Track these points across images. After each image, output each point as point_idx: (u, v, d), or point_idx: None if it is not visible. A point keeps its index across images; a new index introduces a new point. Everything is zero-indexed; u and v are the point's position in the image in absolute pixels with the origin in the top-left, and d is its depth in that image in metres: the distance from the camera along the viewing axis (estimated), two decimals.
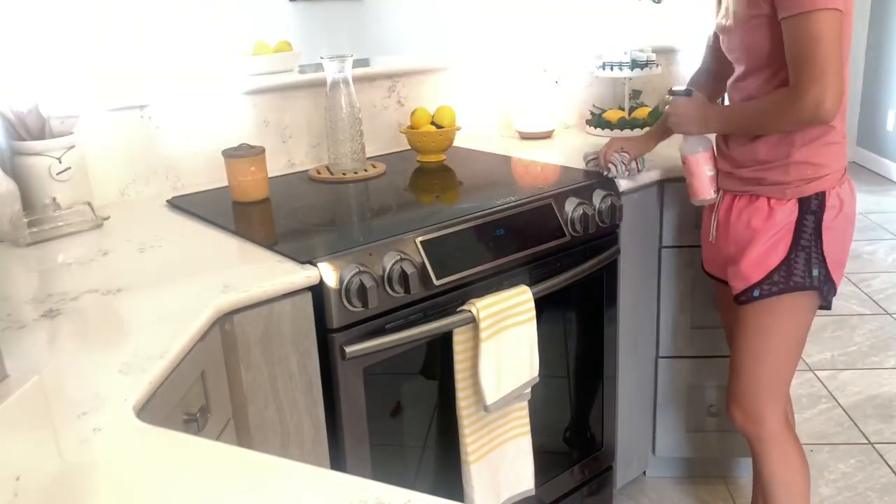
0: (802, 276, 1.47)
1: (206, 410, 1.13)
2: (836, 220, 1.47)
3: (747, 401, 1.59)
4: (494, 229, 1.51)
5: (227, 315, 1.19)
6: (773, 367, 1.55)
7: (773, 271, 1.48)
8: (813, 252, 1.46)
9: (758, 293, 1.50)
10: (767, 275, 1.48)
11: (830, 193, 1.46)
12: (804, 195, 1.46)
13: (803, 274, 1.47)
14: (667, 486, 2.21)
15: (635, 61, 2.25)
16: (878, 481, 2.22)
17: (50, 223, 1.49)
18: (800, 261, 1.47)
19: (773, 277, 1.48)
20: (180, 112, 1.82)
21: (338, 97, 1.82)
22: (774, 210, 1.47)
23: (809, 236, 1.46)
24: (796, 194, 1.46)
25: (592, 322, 1.82)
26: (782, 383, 1.58)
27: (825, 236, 1.46)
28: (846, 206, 1.48)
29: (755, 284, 1.50)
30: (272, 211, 1.65)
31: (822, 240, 1.46)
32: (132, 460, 0.80)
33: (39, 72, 1.79)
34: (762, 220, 1.49)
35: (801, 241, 1.46)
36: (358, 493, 0.72)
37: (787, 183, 1.46)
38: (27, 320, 1.12)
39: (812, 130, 1.43)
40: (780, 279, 1.48)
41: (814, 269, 1.47)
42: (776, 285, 1.48)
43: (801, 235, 1.46)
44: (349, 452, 1.40)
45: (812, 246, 1.46)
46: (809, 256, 1.46)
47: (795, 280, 1.47)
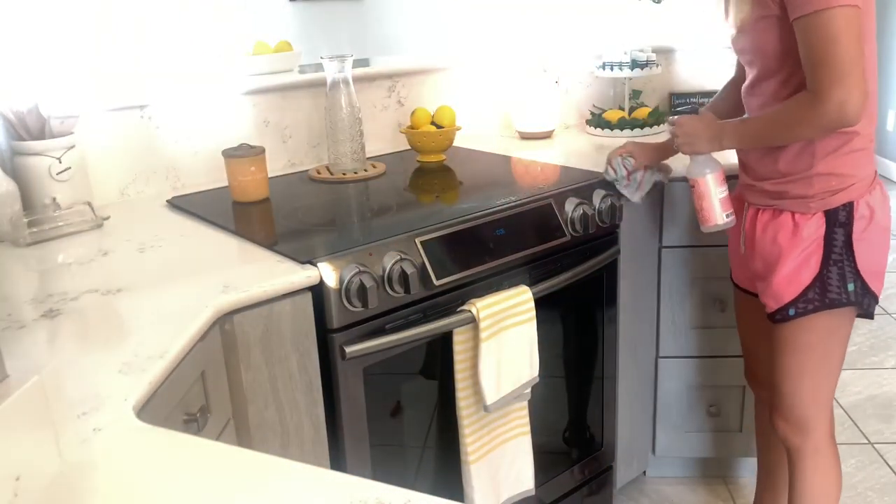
0: (838, 293, 1.41)
1: (206, 410, 1.13)
2: (867, 231, 1.40)
3: (792, 414, 1.54)
4: (494, 229, 1.51)
5: (227, 315, 1.19)
6: (815, 382, 1.50)
7: (806, 289, 1.41)
8: (846, 266, 1.40)
9: (793, 312, 1.44)
10: (802, 293, 1.42)
11: (859, 203, 1.39)
12: (830, 207, 1.39)
13: (839, 290, 1.40)
14: (667, 486, 2.21)
15: (635, 61, 2.25)
16: (878, 481, 2.22)
17: (50, 223, 1.49)
18: (833, 276, 1.40)
19: (808, 295, 1.42)
20: (180, 112, 1.82)
21: (338, 97, 1.82)
22: (800, 225, 1.41)
23: (841, 250, 1.39)
24: (821, 207, 1.39)
25: (592, 322, 1.82)
26: (826, 396, 1.53)
27: (857, 249, 1.39)
28: (878, 214, 1.41)
29: (790, 303, 1.44)
30: (272, 211, 1.65)
31: (853, 252, 1.39)
32: (132, 460, 0.80)
33: (39, 72, 1.79)
34: (788, 235, 1.43)
35: (832, 256, 1.40)
36: (358, 493, 0.72)
37: (811, 196, 1.39)
38: (27, 320, 1.12)
39: (834, 139, 1.37)
40: (815, 296, 1.41)
41: (849, 283, 1.40)
42: (811, 303, 1.42)
43: (831, 250, 1.40)
44: (349, 452, 1.40)
45: (844, 260, 1.40)
46: (843, 271, 1.40)
47: (831, 297, 1.41)
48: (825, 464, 1.56)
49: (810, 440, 1.54)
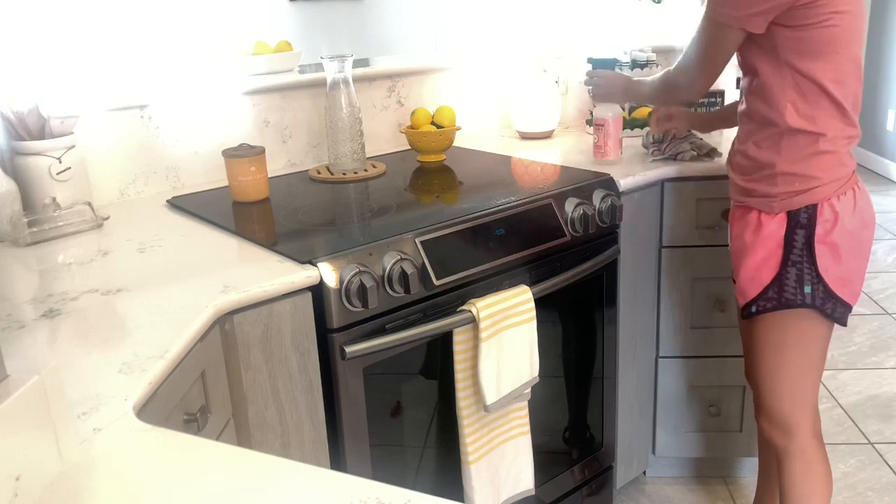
0: (793, 294, 1.43)
1: (206, 410, 1.13)
2: (832, 235, 1.40)
3: (773, 413, 1.56)
4: (494, 229, 1.51)
5: (227, 315, 1.19)
6: (790, 380, 1.52)
7: (766, 287, 1.45)
8: (805, 268, 1.42)
9: (755, 309, 1.48)
10: (762, 291, 1.46)
11: (823, 206, 1.40)
12: (792, 208, 1.41)
13: (794, 291, 1.43)
14: (667, 486, 2.21)
15: (635, 61, 2.25)
16: (878, 481, 2.22)
17: (50, 223, 1.49)
18: (791, 277, 1.43)
19: (767, 293, 1.46)
20: (180, 112, 1.82)
21: (338, 97, 1.82)
22: (763, 223, 1.45)
23: (800, 252, 1.41)
24: (784, 207, 1.42)
25: (592, 322, 1.82)
26: (805, 397, 1.54)
27: (818, 251, 1.41)
28: (844, 219, 1.40)
29: (752, 300, 1.48)
30: (272, 211, 1.65)
31: (814, 255, 1.41)
32: (132, 460, 0.80)
33: (39, 72, 1.79)
34: (752, 233, 1.47)
35: (791, 257, 1.42)
36: (358, 492, 0.72)
37: (774, 196, 1.42)
38: (27, 320, 1.12)
39: (799, 139, 1.39)
40: (773, 295, 1.45)
41: (805, 286, 1.42)
42: (770, 301, 1.46)
43: (791, 251, 1.42)
44: (349, 452, 1.40)
45: (803, 262, 1.41)
46: (801, 273, 1.42)
47: (786, 297, 1.44)
48: (811, 464, 1.56)
49: (794, 441, 1.55)
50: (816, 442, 1.57)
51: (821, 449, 1.58)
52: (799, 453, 1.56)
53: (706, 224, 1.88)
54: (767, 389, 1.55)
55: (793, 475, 1.57)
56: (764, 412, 1.58)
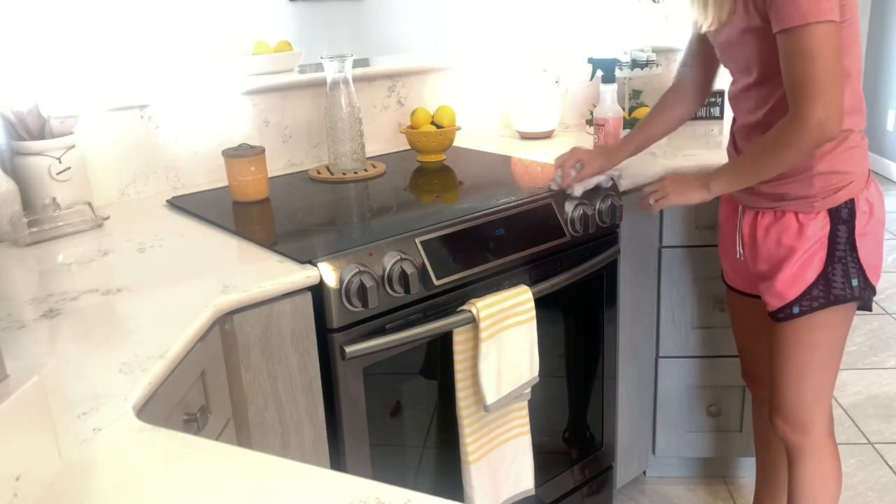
0: (842, 288, 1.42)
1: (206, 410, 1.13)
2: (868, 226, 1.42)
3: (792, 413, 1.54)
4: (494, 229, 1.51)
5: (226, 315, 1.19)
6: (817, 380, 1.51)
7: (810, 286, 1.43)
8: (850, 262, 1.41)
9: (798, 310, 1.45)
10: (805, 290, 1.43)
11: (859, 199, 1.41)
12: (834, 205, 1.40)
13: (842, 286, 1.42)
14: (667, 486, 2.21)
15: (635, 61, 2.25)
16: (878, 481, 2.22)
17: (50, 223, 1.49)
18: (837, 273, 1.42)
19: (812, 292, 1.43)
20: (180, 112, 1.82)
21: (338, 97, 1.82)
22: (805, 225, 1.42)
23: (844, 247, 1.41)
24: (825, 206, 1.40)
25: (592, 322, 1.82)
26: (826, 395, 1.53)
27: (860, 244, 1.41)
28: (876, 209, 1.43)
29: (794, 301, 1.44)
30: (272, 211, 1.65)
31: (857, 249, 1.41)
32: (132, 460, 0.80)
33: (39, 72, 1.79)
34: (793, 236, 1.43)
35: (836, 253, 1.41)
36: (358, 492, 0.72)
37: (813, 196, 1.40)
38: (27, 320, 1.12)
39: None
40: (820, 294, 1.43)
41: (853, 279, 1.42)
42: (816, 300, 1.43)
43: (835, 247, 1.41)
44: (349, 452, 1.40)
45: (848, 256, 1.41)
46: (847, 267, 1.41)
47: (836, 293, 1.42)
48: (826, 462, 1.56)
49: (810, 439, 1.54)
50: (831, 440, 1.57)
51: (834, 446, 1.58)
52: (815, 452, 1.55)
53: (706, 224, 1.88)
54: (792, 390, 1.52)
55: (807, 473, 1.56)
56: (782, 412, 1.55)
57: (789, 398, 1.53)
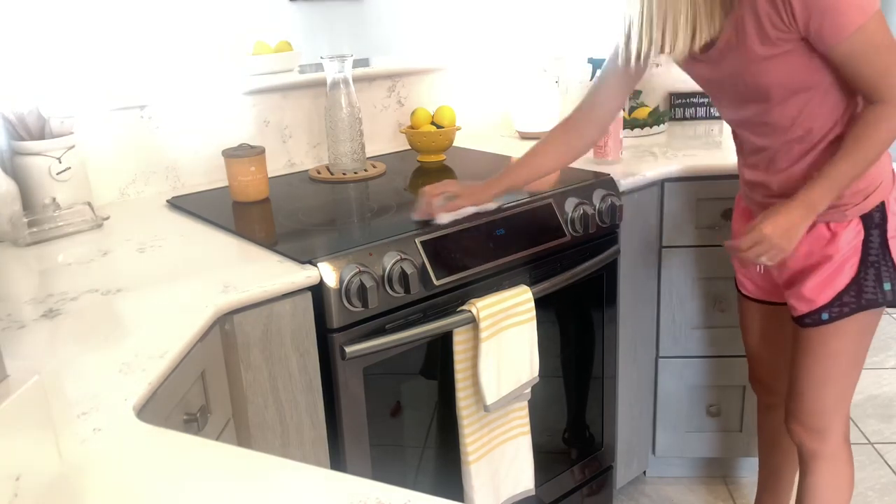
0: (874, 293, 1.39)
1: (206, 410, 1.13)
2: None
3: (810, 420, 1.51)
4: (494, 229, 1.51)
5: (227, 315, 1.19)
6: (839, 388, 1.48)
7: (841, 293, 1.39)
8: (883, 266, 1.39)
9: (827, 316, 1.41)
10: (836, 296, 1.40)
11: (889, 200, 1.38)
12: (866, 211, 1.37)
13: (874, 290, 1.39)
14: (667, 486, 2.21)
15: None
16: (878, 481, 2.22)
17: (50, 223, 1.49)
18: (870, 278, 1.39)
19: (843, 299, 1.39)
20: (180, 112, 1.82)
21: (338, 97, 1.82)
22: (838, 234, 1.38)
23: (877, 251, 1.38)
24: (857, 213, 1.37)
25: (592, 322, 1.82)
26: (846, 400, 1.51)
27: (892, 246, 1.38)
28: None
29: (823, 307, 1.41)
30: (272, 211, 1.65)
31: (890, 251, 1.38)
32: (132, 460, 0.80)
33: (40, 72, 1.79)
34: (824, 245, 1.40)
35: (869, 258, 1.38)
36: (358, 492, 0.72)
37: (845, 204, 1.36)
38: (27, 320, 1.12)
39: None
40: (851, 300, 1.39)
41: (885, 283, 1.39)
42: (846, 306, 1.40)
43: (868, 252, 1.38)
44: (349, 452, 1.40)
45: (881, 260, 1.38)
46: (879, 271, 1.38)
47: (867, 298, 1.39)
48: (841, 469, 1.54)
49: (827, 446, 1.52)
50: (847, 446, 1.55)
51: (849, 451, 1.56)
52: (831, 458, 1.53)
53: (706, 224, 1.88)
54: (813, 397, 1.49)
55: (821, 480, 1.54)
56: (800, 418, 1.53)
57: (809, 404, 1.50)
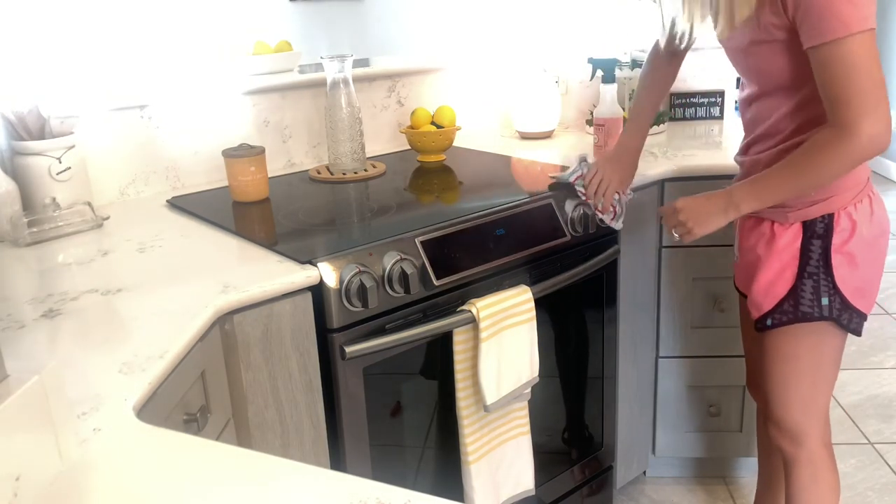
0: (811, 306, 1.37)
1: (206, 410, 1.13)
2: (848, 245, 1.34)
3: (783, 422, 1.52)
4: (494, 229, 1.51)
5: (227, 315, 1.19)
6: (803, 392, 1.48)
7: (782, 300, 1.39)
8: (822, 280, 1.36)
9: (770, 322, 1.42)
10: (777, 304, 1.40)
11: (840, 215, 1.34)
12: (808, 218, 1.34)
13: (811, 303, 1.37)
14: (667, 486, 2.21)
15: (635, 61, 2.25)
16: (878, 481, 2.22)
17: (50, 223, 1.49)
18: (807, 289, 1.37)
19: (783, 306, 1.40)
20: (180, 112, 1.82)
21: (338, 97, 1.82)
22: (777, 235, 1.38)
23: (817, 263, 1.35)
24: (799, 218, 1.35)
25: (592, 322, 1.82)
26: (817, 407, 1.50)
27: (835, 262, 1.35)
28: (862, 228, 1.34)
29: (767, 313, 1.42)
30: (272, 211, 1.65)
31: (831, 266, 1.35)
32: (132, 460, 0.80)
33: (40, 72, 1.79)
34: (765, 244, 1.41)
35: (807, 269, 1.36)
36: (358, 492, 0.72)
37: (790, 206, 1.35)
38: (27, 320, 1.12)
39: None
40: (790, 308, 1.39)
41: (823, 298, 1.36)
42: (786, 314, 1.40)
43: (807, 262, 1.36)
44: (349, 452, 1.40)
45: (820, 273, 1.36)
46: (818, 285, 1.36)
47: (803, 310, 1.38)
48: (820, 473, 1.54)
49: (804, 449, 1.52)
50: (825, 450, 1.55)
51: (830, 457, 1.55)
52: (807, 461, 1.53)
53: None
54: (778, 400, 1.51)
55: (801, 483, 1.54)
56: (773, 421, 1.54)
57: (777, 406, 1.51)
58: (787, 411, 1.51)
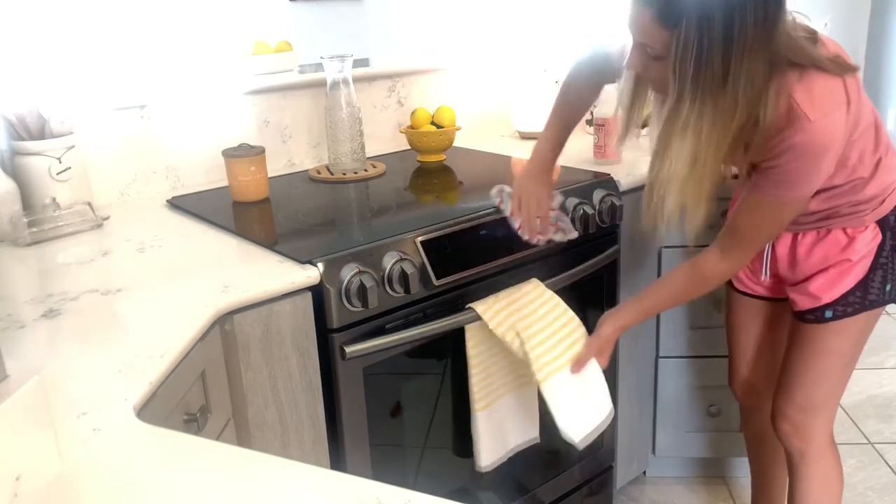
0: (878, 294, 1.41)
1: (206, 410, 1.13)
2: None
3: (798, 417, 1.52)
4: (494, 229, 1.51)
5: (227, 315, 1.19)
6: (831, 386, 1.49)
7: (848, 293, 1.40)
8: (890, 267, 1.40)
9: (831, 314, 1.42)
10: (842, 296, 1.41)
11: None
12: (882, 215, 1.38)
13: (879, 291, 1.41)
14: (667, 486, 2.21)
15: None
16: (878, 481, 2.22)
17: (50, 223, 1.49)
18: (877, 278, 1.40)
19: (848, 298, 1.41)
20: (180, 112, 1.82)
21: (338, 97, 1.82)
22: (855, 238, 1.39)
23: (888, 253, 1.39)
24: (875, 217, 1.38)
25: (592, 322, 1.81)
26: (835, 400, 1.52)
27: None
28: None
29: (828, 305, 1.41)
30: (272, 211, 1.65)
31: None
32: (132, 460, 0.80)
33: (40, 72, 1.79)
34: (840, 249, 1.40)
35: (880, 260, 1.39)
36: (358, 493, 0.72)
37: (863, 210, 1.37)
38: (27, 320, 1.12)
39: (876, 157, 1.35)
40: (856, 300, 1.40)
41: (888, 284, 1.40)
42: (851, 306, 1.41)
43: (880, 254, 1.39)
44: (349, 452, 1.40)
45: (889, 262, 1.40)
46: (886, 272, 1.40)
47: (871, 298, 1.41)
48: (829, 468, 1.55)
49: (814, 445, 1.52)
50: (833, 445, 1.55)
51: (836, 452, 1.56)
52: (818, 457, 1.53)
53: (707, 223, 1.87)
54: (802, 394, 1.49)
55: (810, 479, 1.54)
56: (789, 415, 1.53)
57: (800, 401, 1.50)
58: (810, 405, 1.50)
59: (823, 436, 1.53)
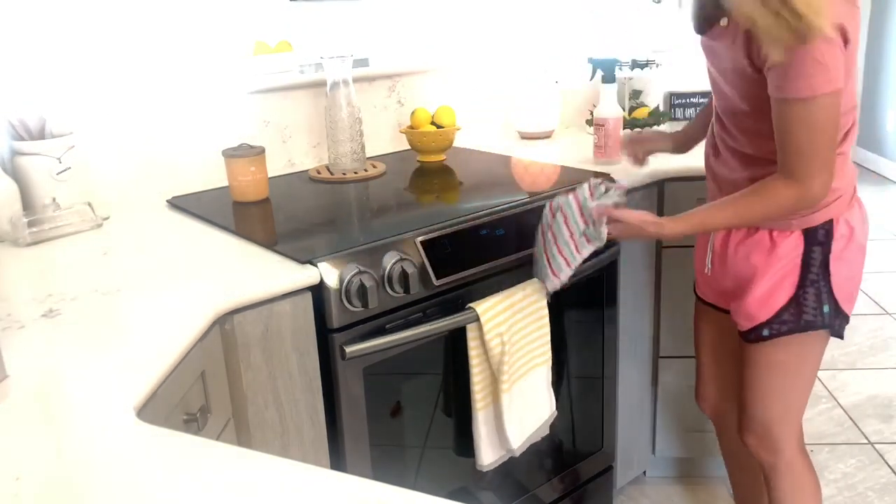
0: (814, 315, 1.37)
1: (206, 410, 1.13)
2: (846, 251, 1.35)
3: (762, 431, 1.51)
4: (494, 229, 1.51)
5: (227, 315, 1.19)
6: (786, 402, 1.47)
7: (781, 310, 1.38)
8: (822, 287, 1.35)
9: (767, 332, 1.40)
10: (776, 313, 1.38)
11: (839, 221, 1.34)
12: (811, 225, 1.33)
13: (814, 312, 1.36)
14: (667, 486, 2.21)
15: (635, 61, 2.25)
16: (877, 481, 2.22)
17: (50, 223, 1.49)
18: (809, 298, 1.36)
19: (783, 316, 1.38)
20: (180, 112, 1.82)
21: (338, 97, 1.82)
22: (777, 244, 1.36)
23: (818, 270, 1.35)
24: (801, 225, 1.34)
25: (592, 322, 1.82)
26: (797, 413, 1.50)
27: (833, 269, 1.35)
28: (857, 232, 1.36)
29: (764, 323, 1.40)
30: (272, 211, 1.65)
31: (829, 273, 1.35)
32: (132, 460, 0.80)
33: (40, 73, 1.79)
34: (764, 254, 1.38)
35: (809, 276, 1.35)
36: (358, 493, 0.72)
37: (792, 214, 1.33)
38: (27, 320, 1.12)
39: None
40: (790, 318, 1.38)
41: (824, 305, 1.36)
42: (786, 324, 1.38)
43: (808, 270, 1.35)
44: (349, 452, 1.40)
45: (820, 280, 1.35)
46: (819, 292, 1.36)
47: (806, 319, 1.37)
48: (800, 478, 1.54)
49: (783, 457, 1.52)
50: (803, 455, 1.54)
51: (807, 460, 1.55)
52: (787, 469, 1.53)
53: None
54: (761, 409, 1.49)
55: (782, 491, 1.54)
56: (752, 430, 1.52)
57: (759, 416, 1.50)
58: (769, 422, 1.49)
59: (791, 446, 1.51)
